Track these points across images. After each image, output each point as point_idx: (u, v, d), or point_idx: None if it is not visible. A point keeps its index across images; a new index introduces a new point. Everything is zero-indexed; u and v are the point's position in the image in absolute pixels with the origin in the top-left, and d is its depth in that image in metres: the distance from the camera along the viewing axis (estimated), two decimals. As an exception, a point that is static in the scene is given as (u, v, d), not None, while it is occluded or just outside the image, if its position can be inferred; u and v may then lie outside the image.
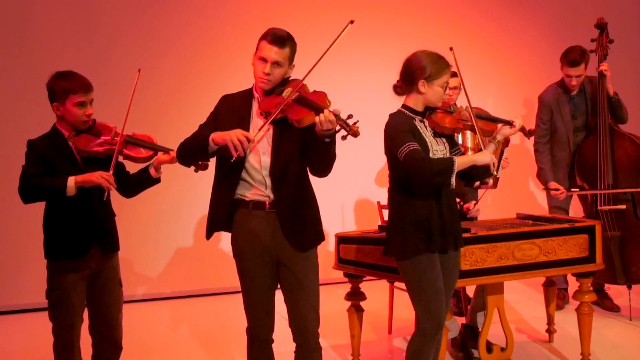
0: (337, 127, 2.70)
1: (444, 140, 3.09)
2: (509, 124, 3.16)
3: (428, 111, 3.06)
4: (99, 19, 5.56)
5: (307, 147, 2.85)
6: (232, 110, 2.92)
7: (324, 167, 2.88)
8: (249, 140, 2.73)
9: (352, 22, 2.77)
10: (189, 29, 5.77)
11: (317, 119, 2.67)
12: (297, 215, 2.88)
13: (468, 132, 4.23)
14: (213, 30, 5.83)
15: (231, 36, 5.83)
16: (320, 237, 2.99)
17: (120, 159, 3.15)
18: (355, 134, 2.68)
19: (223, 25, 5.84)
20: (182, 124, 5.66)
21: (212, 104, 3.01)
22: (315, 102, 2.76)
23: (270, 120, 2.78)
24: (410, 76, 2.99)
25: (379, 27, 6.16)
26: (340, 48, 2.79)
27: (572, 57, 4.71)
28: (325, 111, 2.67)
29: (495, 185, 4.48)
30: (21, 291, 5.35)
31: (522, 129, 3.22)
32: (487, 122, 3.18)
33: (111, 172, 2.95)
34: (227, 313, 5.25)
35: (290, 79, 2.93)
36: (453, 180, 2.85)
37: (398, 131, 2.92)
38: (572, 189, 4.81)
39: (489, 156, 2.95)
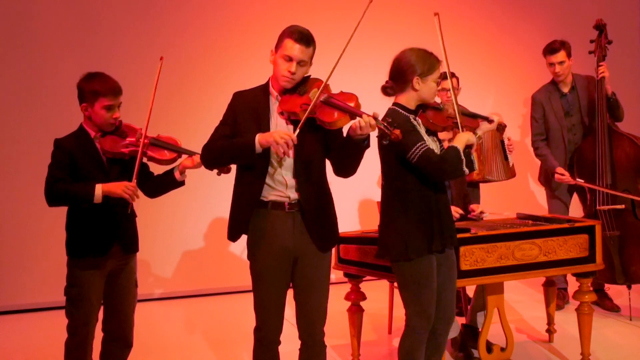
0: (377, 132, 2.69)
1: (435, 138, 3.12)
2: (488, 120, 3.24)
3: (420, 109, 3.07)
4: (101, 19, 5.55)
5: (333, 148, 2.85)
6: (250, 108, 2.88)
7: (353, 167, 2.89)
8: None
9: (371, 0, 2.78)
10: (189, 29, 5.77)
11: (357, 123, 2.66)
12: (321, 215, 2.89)
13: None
14: (213, 29, 5.83)
15: (233, 36, 5.84)
16: (338, 237, 3.02)
17: (144, 160, 3.19)
18: (398, 137, 2.67)
19: (225, 24, 5.84)
20: (192, 124, 5.65)
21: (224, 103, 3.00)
22: (348, 105, 2.72)
23: (304, 122, 2.73)
24: (403, 74, 2.98)
25: (376, 28, 6.15)
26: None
27: (551, 45, 4.88)
28: (365, 116, 2.66)
29: (513, 173, 4.77)
30: (21, 291, 5.36)
31: (498, 124, 3.32)
32: (469, 119, 3.26)
33: (134, 178, 3.01)
34: (237, 312, 5.25)
35: (311, 77, 2.90)
36: (464, 166, 2.91)
37: (406, 131, 2.85)
38: (578, 179, 4.81)
39: (467, 135, 3.00)
